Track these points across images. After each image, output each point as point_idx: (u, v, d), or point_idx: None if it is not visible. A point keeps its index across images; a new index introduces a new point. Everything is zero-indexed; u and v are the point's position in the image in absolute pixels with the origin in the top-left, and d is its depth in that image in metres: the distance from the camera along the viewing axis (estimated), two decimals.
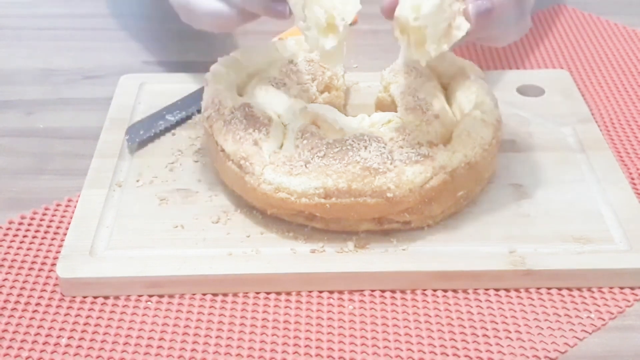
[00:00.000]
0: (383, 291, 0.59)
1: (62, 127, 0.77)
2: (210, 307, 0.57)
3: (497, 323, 0.56)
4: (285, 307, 0.57)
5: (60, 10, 0.99)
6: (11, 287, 0.59)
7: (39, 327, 0.56)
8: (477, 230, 0.62)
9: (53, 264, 0.61)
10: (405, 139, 0.62)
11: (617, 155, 0.72)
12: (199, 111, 0.73)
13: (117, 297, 0.58)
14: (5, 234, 0.64)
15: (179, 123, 0.74)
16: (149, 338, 0.55)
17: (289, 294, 0.58)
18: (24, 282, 0.59)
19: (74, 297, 0.58)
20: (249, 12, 0.66)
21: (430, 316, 0.57)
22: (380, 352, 0.54)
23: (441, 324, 0.56)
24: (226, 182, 0.65)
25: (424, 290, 0.59)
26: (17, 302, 0.58)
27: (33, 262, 0.61)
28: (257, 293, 0.58)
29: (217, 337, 0.55)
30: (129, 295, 0.58)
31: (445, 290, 0.59)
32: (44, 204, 0.67)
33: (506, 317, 0.56)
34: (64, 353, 0.54)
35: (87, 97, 0.81)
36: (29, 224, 0.65)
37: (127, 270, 0.58)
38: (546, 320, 0.56)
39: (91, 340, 0.55)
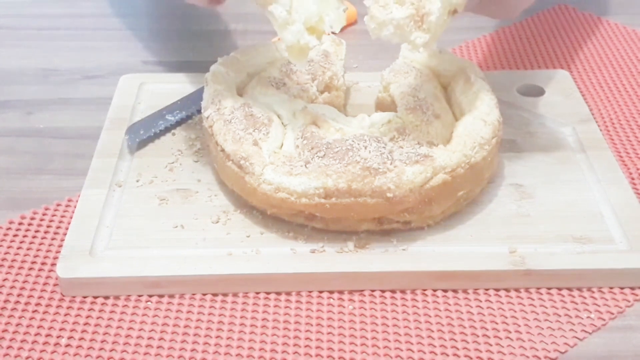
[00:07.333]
0: (383, 291, 0.59)
1: (62, 127, 0.77)
2: (210, 307, 0.57)
3: (497, 323, 0.56)
4: (285, 307, 0.57)
5: (60, 10, 0.99)
6: (11, 287, 0.59)
7: (39, 327, 0.56)
8: (477, 230, 0.62)
9: (53, 264, 0.61)
10: (405, 139, 0.62)
11: (617, 155, 0.72)
12: (199, 111, 0.73)
13: (117, 297, 0.58)
14: (5, 234, 0.64)
15: (179, 123, 0.74)
16: (149, 338, 0.55)
17: (289, 294, 0.58)
18: (24, 282, 0.59)
19: (74, 297, 0.58)
20: None
21: (430, 316, 0.57)
22: (380, 352, 0.54)
23: (441, 324, 0.56)
24: (226, 182, 0.65)
25: (424, 290, 0.59)
26: (17, 302, 0.58)
27: (33, 262, 0.61)
28: (257, 293, 0.58)
29: (217, 337, 0.55)
30: (129, 295, 0.58)
31: (445, 290, 0.59)
32: (44, 204, 0.67)
33: (506, 317, 0.56)
34: (64, 353, 0.54)
35: (87, 97, 0.81)
36: (29, 224, 0.65)
37: (127, 270, 0.58)
38: (546, 320, 0.56)
39: (91, 340, 0.55)
